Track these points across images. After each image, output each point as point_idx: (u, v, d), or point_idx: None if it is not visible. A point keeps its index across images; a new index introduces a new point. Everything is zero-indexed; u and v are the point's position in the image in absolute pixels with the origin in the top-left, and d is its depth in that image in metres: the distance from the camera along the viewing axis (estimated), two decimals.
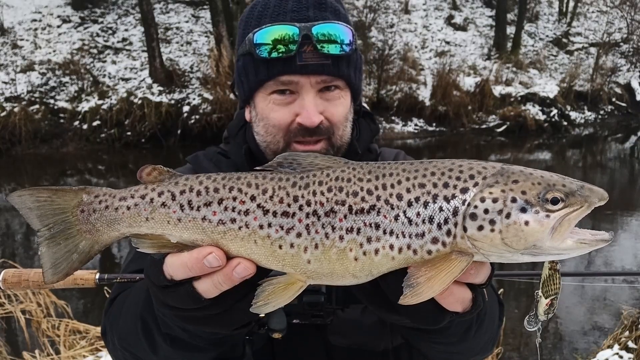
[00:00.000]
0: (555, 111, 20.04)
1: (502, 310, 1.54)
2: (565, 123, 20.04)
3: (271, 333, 1.38)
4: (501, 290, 4.48)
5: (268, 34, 1.45)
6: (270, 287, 1.00)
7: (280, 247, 0.99)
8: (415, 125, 19.04)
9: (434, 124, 19.14)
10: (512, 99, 19.97)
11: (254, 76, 1.50)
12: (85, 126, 16.51)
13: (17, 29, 19.46)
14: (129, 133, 16.43)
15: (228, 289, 1.01)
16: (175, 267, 1.02)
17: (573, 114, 20.95)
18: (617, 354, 4.95)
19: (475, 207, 0.94)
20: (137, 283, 1.43)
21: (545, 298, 1.25)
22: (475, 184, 0.95)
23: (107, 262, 8.23)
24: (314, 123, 1.46)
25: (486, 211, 0.93)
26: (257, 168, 1.06)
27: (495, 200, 0.94)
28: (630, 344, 5.00)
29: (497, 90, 19.98)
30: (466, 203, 0.94)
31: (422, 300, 0.93)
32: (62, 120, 16.70)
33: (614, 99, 22.51)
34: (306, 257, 0.98)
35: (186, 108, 16.90)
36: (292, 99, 1.49)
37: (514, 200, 0.94)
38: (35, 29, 19.62)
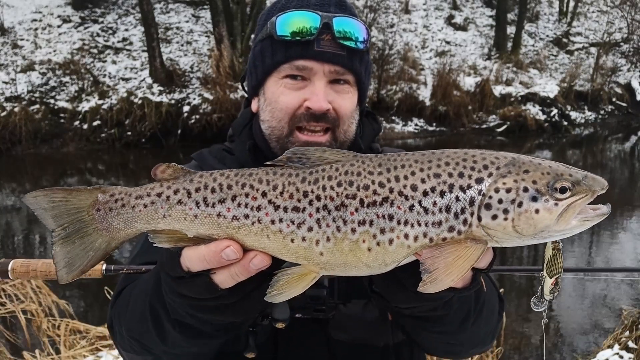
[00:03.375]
0: (555, 111, 20.04)
1: (502, 305, 1.57)
2: (565, 123, 20.04)
3: (274, 323, 1.40)
4: (502, 290, 4.48)
5: (291, 18, 1.52)
6: (285, 277, 1.03)
7: (292, 240, 1.02)
8: (416, 125, 19.04)
9: (434, 124, 19.14)
10: (512, 99, 19.97)
11: (270, 58, 1.55)
12: (85, 126, 16.51)
13: (18, 29, 19.46)
14: (129, 133, 16.42)
15: (245, 279, 1.05)
16: (193, 260, 1.05)
17: (573, 114, 20.95)
18: (617, 354, 4.95)
19: (490, 197, 0.98)
20: (144, 275, 1.45)
21: (550, 277, 1.29)
22: (490, 175, 0.99)
23: (112, 254, 8.23)
24: (322, 108, 1.50)
25: (500, 201, 0.97)
26: (268, 163, 1.08)
27: (508, 190, 0.98)
28: (631, 344, 5.00)
29: (498, 90, 19.99)
30: (482, 193, 0.98)
31: (442, 289, 0.97)
32: (62, 120, 16.70)
33: (614, 99, 22.51)
34: (318, 250, 1.01)
35: (186, 108, 16.90)
36: (303, 85, 1.53)
37: (525, 189, 0.98)
38: (36, 29, 19.62)
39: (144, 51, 18.58)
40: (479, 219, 0.97)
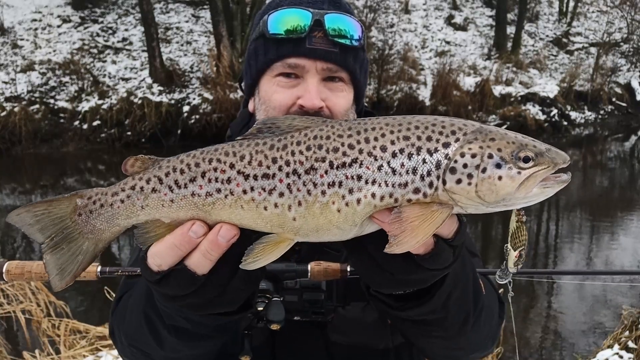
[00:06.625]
0: (555, 111, 20.05)
1: (502, 308, 1.54)
2: (565, 123, 20.05)
3: (269, 324, 1.38)
4: (501, 290, 4.47)
5: (282, 16, 1.51)
6: (260, 245, 1.04)
7: (265, 208, 1.03)
8: None
9: None
10: (512, 99, 19.97)
11: (263, 56, 1.54)
12: (85, 126, 16.51)
13: (17, 29, 19.45)
14: (129, 133, 16.43)
15: (218, 257, 1.04)
16: (163, 252, 1.05)
17: (573, 114, 20.95)
18: (617, 354, 4.96)
19: (456, 161, 0.99)
20: (139, 281, 1.44)
21: (515, 250, 1.33)
22: (457, 140, 1.01)
23: (108, 257, 8.23)
24: (315, 105, 1.48)
25: (465, 165, 0.99)
26: (238, 138, 1.08)
27: (474, 156, 1.00)
28: (630, 344, 5.01)
29: (497, 90, 19.98)
30: (448, 157, 1.00)
31: (408, 249, 0.98)
32: (62, 120, 16.70)
33: (614, 99, 22.51)
34: (291, 215, 1.02)
35: (186, 108, 16.91)
36: (296, 83, 1.52)
37: (490, 156, 1.00)
38: (35, 29, 19.62)
39: (144, 51, 18.57)
40: (444, 182, 0.99)
